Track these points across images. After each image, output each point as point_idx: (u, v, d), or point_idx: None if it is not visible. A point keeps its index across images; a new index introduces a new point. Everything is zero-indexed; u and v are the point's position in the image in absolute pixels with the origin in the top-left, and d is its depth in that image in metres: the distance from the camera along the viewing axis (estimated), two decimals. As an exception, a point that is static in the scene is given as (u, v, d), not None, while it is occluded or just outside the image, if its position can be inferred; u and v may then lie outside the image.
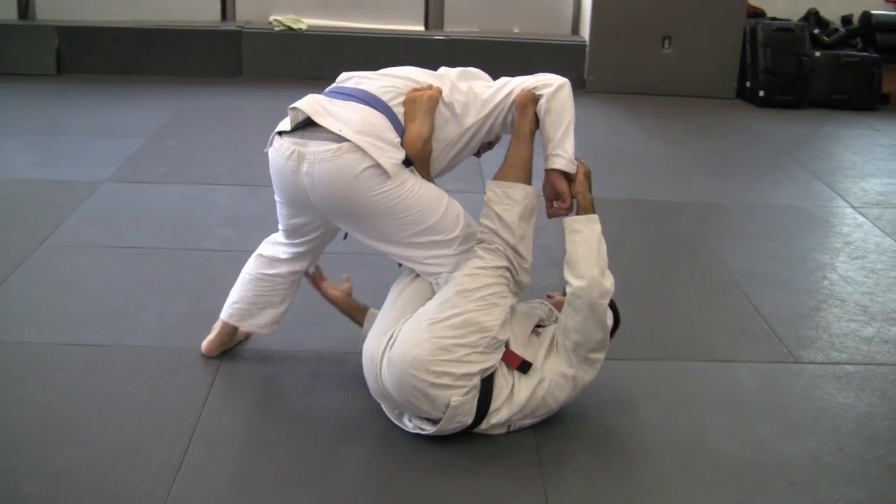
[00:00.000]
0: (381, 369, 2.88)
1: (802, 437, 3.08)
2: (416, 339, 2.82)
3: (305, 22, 7.80)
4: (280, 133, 2.94)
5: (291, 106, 2.90)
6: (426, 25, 7.96)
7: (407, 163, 2.92)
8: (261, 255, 3.30)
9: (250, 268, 3.32)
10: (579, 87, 7.65)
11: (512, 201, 2.97)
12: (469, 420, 2.87)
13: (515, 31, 7.91)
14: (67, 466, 2.78)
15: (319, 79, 7.28)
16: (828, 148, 6.83)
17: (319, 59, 7.64)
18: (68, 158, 5.65)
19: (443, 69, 3.15)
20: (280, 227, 3.21)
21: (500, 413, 2.90)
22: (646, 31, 7.59)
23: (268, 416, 3.11)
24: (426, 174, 3.00)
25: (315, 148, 2.83)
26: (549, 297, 3.30)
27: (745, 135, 6.84)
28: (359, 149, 2.80)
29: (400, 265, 3.11)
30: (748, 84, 7.66)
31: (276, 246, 3.27)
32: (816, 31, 7.82)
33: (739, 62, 7.71)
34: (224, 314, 3.35)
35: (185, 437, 2.93)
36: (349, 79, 3.07)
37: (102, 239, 4.44)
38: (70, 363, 3.36)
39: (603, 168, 5.84)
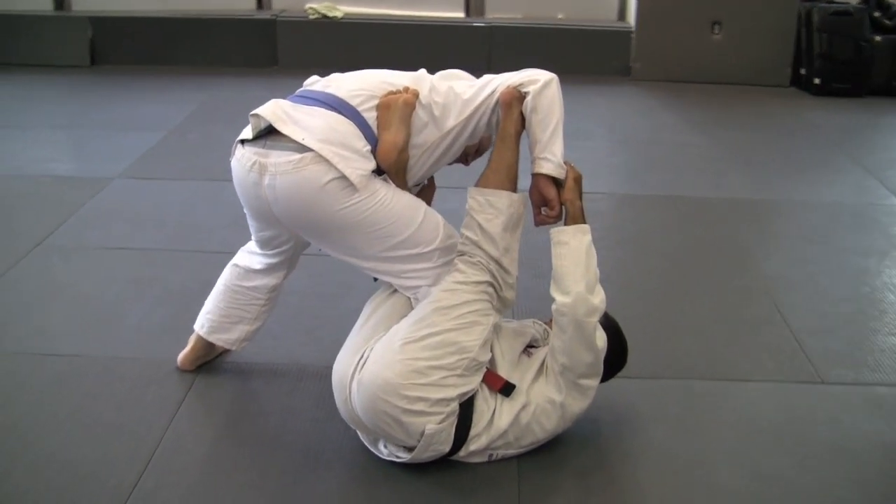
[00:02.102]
0: (350, 392, 2.65)
1: (818, 469, 2.79)
2: (388, 361, 2.58)
3: (342, 9, 7.58)
4: (242, 142, 2.72)
5: (252, 112, 2.68)
6: (466, 12, 7.69)
7: (379, 171, 2.69)
8: (236, 265, 3.10)
9: (226, 277, 3.13)
10: (624, 74, 7.33)
11: (496, 210, 2.72)
12: (446, 448, 2.64)
13: (560, 17, 7.60)
14: (9, 494, 2.60)
15: (357, 67, 7.17)
16: (885, 140, 6.42)
17: (356, 47, 7.43)
18: (83, 153, 5.53)
19: (422, 71, 2.89)
20: (252, 237, 3.01)
21: (480, 440, 2.66)
22: (694, 16, 7.22)
23: (235, 439, 2.91)
24: (402, 183, 2.77)
25: (277, 159, 2.61)
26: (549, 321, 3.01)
27: (795, 125, 6.45)
28: (323, 159, 2.57)
29: (375, 279, 2.87)
30: (803, 71, 7.25)
31: (251, 256, 3.07)
32: (877, 13, 7.34)
33: (794, 48, 7.29)
34: (197, 324, 3.17)
35: (143, 462, 2.74)
36: (316, 82, 2.86)
37: (101, 239, 4.29)
38: (39, 376, 3.20)
39: (639, 162, 5.59)
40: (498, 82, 2.77)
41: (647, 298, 3.82)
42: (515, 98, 2.71)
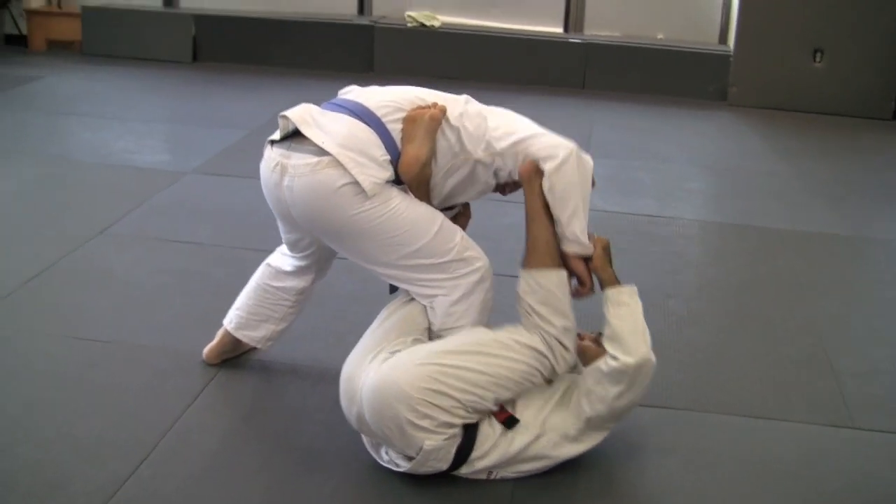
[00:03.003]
0: (360, 391, 2.63)
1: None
2: (412, 373, 2.55)
3: (441, 18, 7.62)
4: (272, 143, 2.76)
5: (281, 114, 2.72)
6: (566, 27, 7.65)
7: (399, 182, 2.69)
8: (269, 265, 3.15)
9: (257, 276, 3.17)
10: (720, 98, 7.18)
11: (546, 291, 2.66)
12: (444, 466, 2.62)
13: (659, 37, 7.49)
14: (10, 467, 2.68)
15: (450, 77, 7.24)
16: None
17: (451, 57, 7.48)
18: (167, 146, 5.68)
19: (465, 96, 2.83)
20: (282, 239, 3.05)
21: (483, 461, 2.63)
22: (796, 43, 7.03)
23: (242, 435, 2.93)
24: (423, 198, 2.75)
25: (297, 161, 2.64)
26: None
27: (887, 160, 6.21)
28: (338, 163, 2.59)
29: (392, 291, 2.88)
30: (908, 105, 6.99)
31: (283, 257, 3.11)
32: None
33: (899, 80, 7.04)
34: (226, 319, 3.22)
35: (147, 449, 2.79)
36: (349, 91, 2.88)
37: (158, 231, 4.40)
38: (70, 357, 3.30)
39: (718, 188, 5.46)
40: (524, 135, 2.69)
41: (694, 326, 3.74)
42: (534, 172, 2.65)
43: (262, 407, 3.10)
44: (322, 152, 2.61)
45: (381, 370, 2.60)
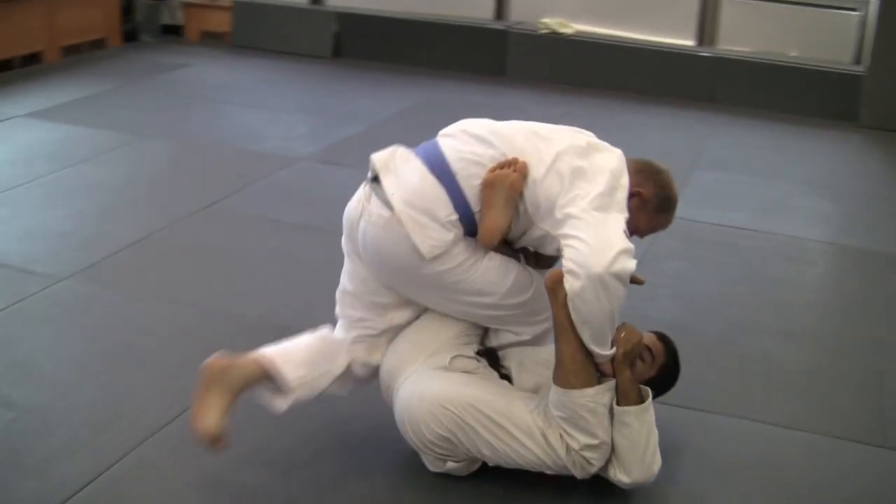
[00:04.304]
0: (394, 393, 2.76)
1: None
2: (434, 416, 2.62)
3: (574, 26, 7.72)
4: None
5: (372, 154, 2.75)
6: (698, 41, 7.63)
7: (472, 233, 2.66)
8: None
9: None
10: (850, 119, 7.01)
11: (571, 411, 2.58)
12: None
13: (792, 53, 7.39)
14: (56, 412, 3.00)
15: (578, 85, 7.36)
16: None
17: (580, 65, 7.57)
18: (290, 134, 5.97)
19: (566, 142, 2.67)
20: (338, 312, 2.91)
21: None
22: (935, 66, 6.82)
23: (280, 420, 2.88)
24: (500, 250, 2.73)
25: (373, 208, 2.65)
26: None
27: None
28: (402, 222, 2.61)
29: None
30: None
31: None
32: None
33: None
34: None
35: (183, 407, 2.94)
36: (458, 126, 2.79)
37: (260, 210, 4.68)
38: (145, 317, 3.62)
39: (823, 207, 5.34)
40: (571, 231, 2.51)
41: (749, 336, 3.77)
42: (558, 284, 2.51)
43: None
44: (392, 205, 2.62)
45: (411, 392, 2.67)
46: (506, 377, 2.75)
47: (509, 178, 2.57)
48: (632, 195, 2.66)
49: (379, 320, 2.79)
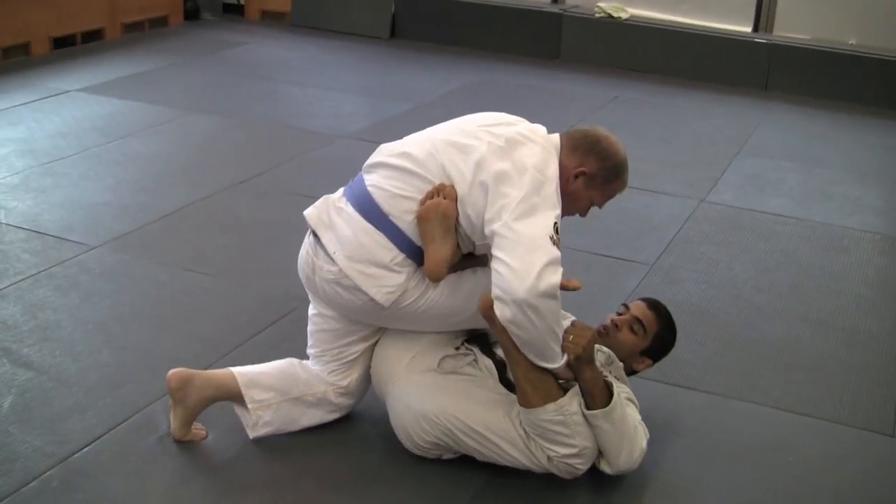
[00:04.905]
0: (385, 392, 2.81)
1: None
2: (422, 425, 2.68)
3: (630, 11, 7.67)
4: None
5: (305, 212, 2.79)
6: (755, 27, 7.53)
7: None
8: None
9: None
10: (901, 108, 6.86)
11: (539, 427, 2.58)
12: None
13: (851, 42, 7.25)
14: (85, 365, 3.10)
15: (631, 69, 7.32)
16: None
17: (635, 49, 7.52)
18: (333, 112, 6.04)
19: (486, 141, 2.60)
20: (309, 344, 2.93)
21: None
22: None
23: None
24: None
25: (321, 263, 2.68)
26: (604, 329, 2.85)
27: None
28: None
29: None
30: None
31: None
32: None
33: None
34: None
35: (201, 366, 3.05)
36: (376, 156, 2.79)
37: (294, 187, 4.75)
38: (173, 284, 3.74)
39: (864, 196, 5.22)
40: (496, 253, 2.44)
41: (772, 321, 3.77)
42: (491, 309, 2.46)
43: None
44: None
45: (400, 401, 2.72)
46: (500, 362, 2.75)
47: (440, 208, 2.54)
48: (576, 175, 2.63)
49: (353, 349, 2.81)
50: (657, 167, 5.30)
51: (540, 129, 2.71)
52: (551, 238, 2.42)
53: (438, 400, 2.67)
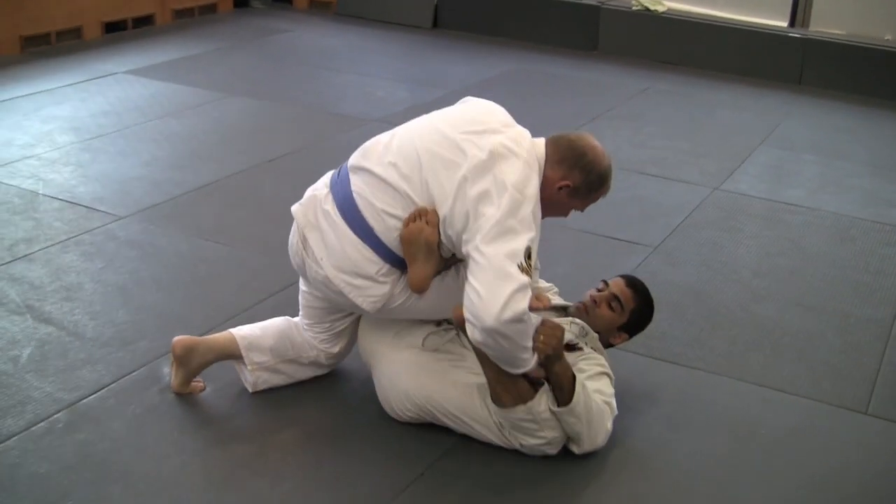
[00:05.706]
0: (373, 363, 2.97)
1: (783, 488, 2.81)
2: (405, 404, 2.86)
3: (666, 4, 7.76)
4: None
5: (292, 207, 2.89)
6: (791, 22, 7.58)
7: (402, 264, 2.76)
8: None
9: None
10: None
11: (512, 423, 2.75)
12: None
13: (887, 38, 7.28)
14: (100, 323, 3.32)
15: (667, 62, 7.41)
16: None
17: (671, 42, 7.62)
18: (364, 98, 6.23)
19: (470, 154, 2.63)
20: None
21: None
22: None
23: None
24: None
25: (311, 262, 2.80)
26: (583, 305, 3.03)
27: None
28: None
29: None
30: None
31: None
32: None
33: None
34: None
35: (209, 326, 3.31)
36: (364, 159, 2.81)
37: (317, 167, 4.88)
38: (190, 253, 3.96)
39: (881, 189, 5.30)
40: (470, 275, 2.53)
41: (764, 303, 3.88)
42: (464, 321, 2.56)
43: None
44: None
45: (384, 376, 2.89)
46: None
47: (423, 234, 2.64)
48: (560, 188, 2.73)
49: (341, 322, 3.01)
50: (680, 156, 5.42)
51: (525, 136, 2.73)
52: (520, 265, 2.48)
53: (421, 381, 2.83)
